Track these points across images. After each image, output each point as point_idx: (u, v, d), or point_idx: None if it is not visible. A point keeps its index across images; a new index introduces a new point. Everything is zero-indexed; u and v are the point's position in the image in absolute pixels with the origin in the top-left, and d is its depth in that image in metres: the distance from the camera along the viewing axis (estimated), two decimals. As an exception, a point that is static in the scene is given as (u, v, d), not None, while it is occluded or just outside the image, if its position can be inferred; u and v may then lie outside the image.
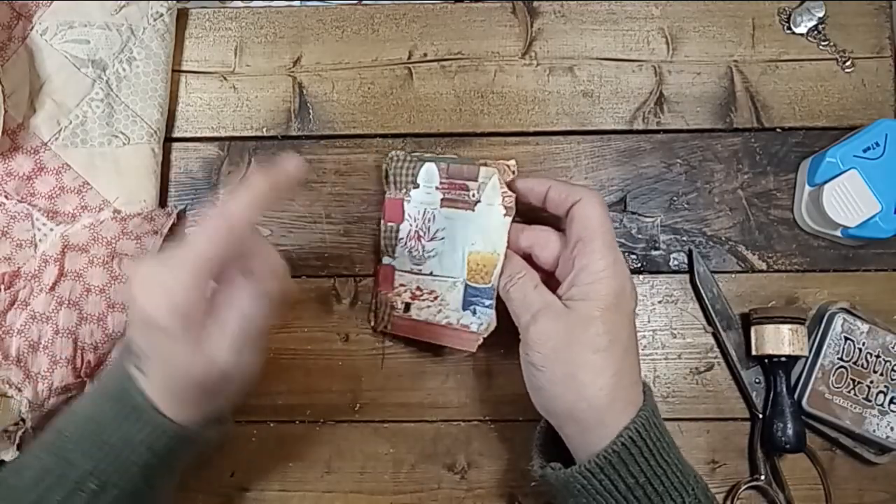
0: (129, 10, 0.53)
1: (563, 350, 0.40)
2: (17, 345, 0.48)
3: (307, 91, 0.55)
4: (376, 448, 0.51)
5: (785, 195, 0.53)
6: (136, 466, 0.39)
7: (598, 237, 0.42)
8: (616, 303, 0.41)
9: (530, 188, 0.47)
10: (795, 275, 0.53)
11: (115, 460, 0.39)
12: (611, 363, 0.40)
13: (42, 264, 0.50)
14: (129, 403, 0.39)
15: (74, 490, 0.38)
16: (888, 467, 0.50)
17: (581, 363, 0.40)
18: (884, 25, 0.55)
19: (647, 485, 0.39)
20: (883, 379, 0.49)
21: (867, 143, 0.49)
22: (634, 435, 0.39)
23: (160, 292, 0.35)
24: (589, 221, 0.43)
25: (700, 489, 0.40)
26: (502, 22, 0.55)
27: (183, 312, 0.35)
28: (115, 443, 0.39)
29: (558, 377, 0.41)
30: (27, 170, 0.51)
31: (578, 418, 0.40)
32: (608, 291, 0.41)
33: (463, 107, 0.54)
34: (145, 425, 0.39)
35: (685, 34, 0.55)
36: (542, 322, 0.42)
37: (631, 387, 0.41)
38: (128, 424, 0.39)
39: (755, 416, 0.50)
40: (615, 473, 0.39)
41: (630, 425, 0.39)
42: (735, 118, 0.54)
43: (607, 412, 0.40)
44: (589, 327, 0.40)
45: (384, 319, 0.51)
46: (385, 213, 0.51)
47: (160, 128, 0.53)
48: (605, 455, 0.39)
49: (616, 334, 0.41)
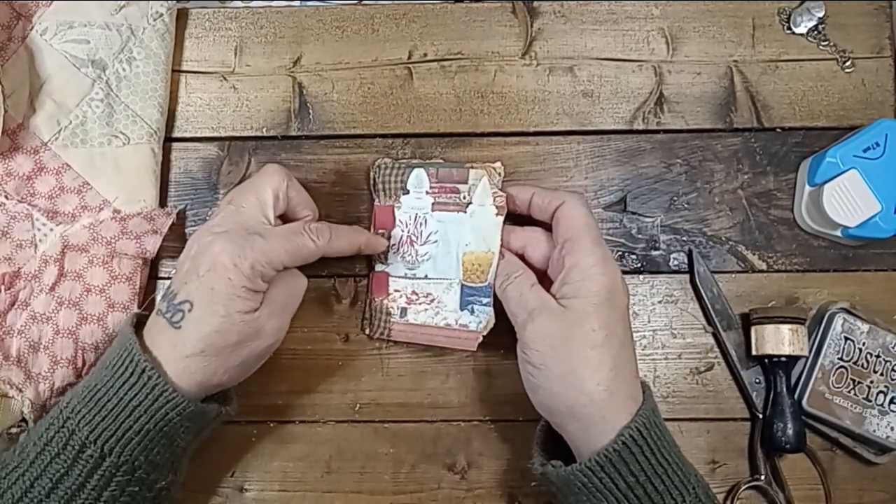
0: (129, 10, 0.53)
1: (561, 347, 0.41)
2: (17, 345, 0.48)
3: (307, 91, 0.55)
4: (376, 448, 0.51)
5: (785, 195, 0.53)
6: (135, 434, 0.39)
7: (584, 235, 0.43)
8: (609, 297, 0.42)
9: (514, 196, 0.48)
10: (795, 275, 0.53)
11: (113, 424, 0.39)
12: (608, 358, 0.40)
13: (42, 264, 0.50)
14: (130, 368, 0.40)
15: (75, 460, 0.39)
16: (888, 467, 0.50)
17: (579, 359, 0.40)
18: (884, 25, 0.55)
19: (647, 483, 0.39)
20: (883, 379, 0.49)
21: (867, 143, 0.49)
22: (635, 433, 0.39)
23: (255, 250, 0.41)
24: (574, 222, 0.44)
25: (701, 488, 0.40)
26: (502, 22, 0.55)
27: (261, 274, 0.42)
28: (113, 407, 0.40)
29: (557, 375, 0.41)
30: (27, 170, 0.51)
31: (579, 415, 0.40)
32: (599, 287, 0.41)
33: (463, 107, 0.54)
34: (143, 388, 0.40)
35: (685, 34, 0.55)
36: (538, 320, 0.42)
37: (630, 381, 0.41)
38: (126, 387, 0.40)
39: (755, 416, 0.50)
40: (616, 472, 0.39)
41: (631, 423, 0.39)
42: (735, 118, 0.54)
43: (608, 407, 0.40)
44: (584, 323, 0.41)
45: (380, 326, 0.51)
46: (375, 220, 0.51)
47: (160, 128, 0.53)
48: (605, 453, 0.39)
49: (611, 329, 0.41)
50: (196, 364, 0.41)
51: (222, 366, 0.42)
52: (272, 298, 0.43)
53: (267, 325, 0.43)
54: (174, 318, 0.41)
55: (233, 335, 0.41)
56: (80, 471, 0.39)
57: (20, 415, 0.48)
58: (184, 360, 0.41)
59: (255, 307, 0.42)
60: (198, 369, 0.41)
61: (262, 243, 0.42)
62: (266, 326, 0.43)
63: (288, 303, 0.45)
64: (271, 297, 0.43)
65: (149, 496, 0.42)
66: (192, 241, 0.43)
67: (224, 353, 0.41)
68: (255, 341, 0.42)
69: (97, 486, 0.39)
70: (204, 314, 0.41)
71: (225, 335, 0.41)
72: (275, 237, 0.43)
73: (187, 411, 0.41)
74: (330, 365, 0.52)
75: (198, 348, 0.41)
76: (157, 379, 0.40)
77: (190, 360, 0.41)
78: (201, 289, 0.41)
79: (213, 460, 0.50)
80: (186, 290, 0.41)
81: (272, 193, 0.44)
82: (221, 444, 0.51)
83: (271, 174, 0.45)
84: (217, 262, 0.41)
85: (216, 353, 0.41)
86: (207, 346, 0.41)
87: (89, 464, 0.39)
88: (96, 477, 0.39)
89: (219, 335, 0.41)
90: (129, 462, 0.40)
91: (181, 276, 0.42)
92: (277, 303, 0.43)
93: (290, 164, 0.54)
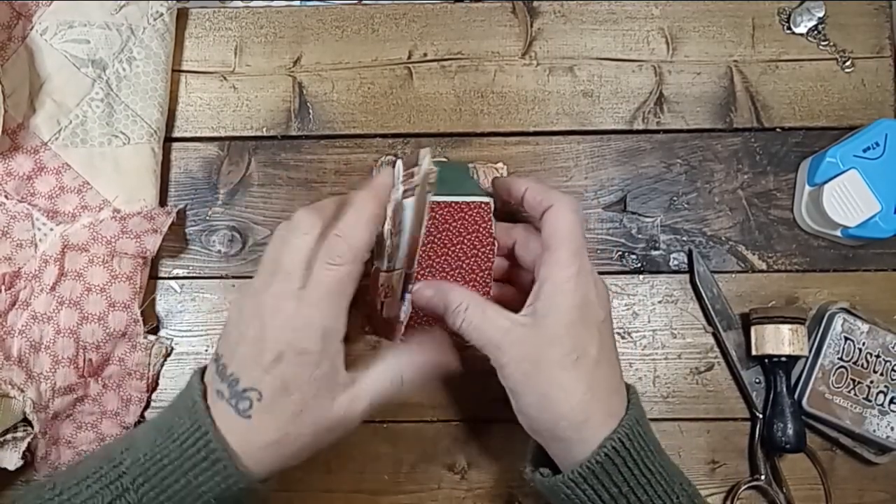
0: (128, 9, 0.53)
1: (534, 373, 0.39)
2: (18, 345, 0.49)
3: (307, 91, 0.55)
4: (376, 448, 0.51)
5: (785, 195, 0.53)
6: None
7: (563, 246, 0.40)
8: (580, 316, 0.39)
9: (507, 187, 0.46)
10: (795, 275, 0.53)
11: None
12: (582, 379, 0.39)
13: (42, 264, 0.50)
14: (203, 450, 0.37)
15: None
16: (888, 467, 0.50)
17: (551, 384, 0.39)
18: (884, 25, 0.55)
19: (630, 494, 0.38)
20: (883, 379, 0.49)
21: (867, 143, 0.49)
22: (617, 445, 0.38)
23: (303, 318, 0.37)
24: (556, 231, 0.41)
25: (686, 496, 0.39)
26: (502, 22, 0.55)
27: (331, 336, 0.38)
28: (180, 489, 0.37)
29: (534, 400, 0.40)
30: (27, 170, 0.51)
31: (560, 437, 0.40)
32: (571, 304, 0.39)
33: (463, 107, 0.54)
34: (215, 475, 0.36)
35: (685, 34, 0.55)
36: (506, 350, 0.40)
37: (608, 398, 0.40)
38: (196, 472, 0.36)
39: (755, 416, 0.50)
40: (598, 483, 0.38)
41: (612, 435, 0.38)
42: (735, 118, 0.54)
43: (585, 428, 0.39)
44: (554, 345, 0.39)
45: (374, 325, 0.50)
46: None
47: (160, 127, 0.53)
48: (587, 465, 0.38)
49: (584, 349, 0.39)
50: (272, 454, 0.38)
51: (301, 451, 0.39)
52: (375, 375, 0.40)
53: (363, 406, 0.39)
54: (243, 408, 0.37)
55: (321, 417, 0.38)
56: None
57: (21, 415, 0.48)
58: (258, 450, 0.38)
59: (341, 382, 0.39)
60: (273, 458, 0.38)
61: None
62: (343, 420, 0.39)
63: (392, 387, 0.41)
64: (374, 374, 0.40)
65: None
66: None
67: (312, 434, 0.38)
68: (328, 435, 0.39)
69: None
70: (275, 405, 0.37)
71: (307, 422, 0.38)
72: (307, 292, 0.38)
73: (251, 496, 0.38)
74: (330, 365, 0.51)
75: (276, 438, 0.37)
76: (231, 469, 0.36)
77: (267, 449, 0.38)
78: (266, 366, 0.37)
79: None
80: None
81: None
82: (221, 443, 0.51)
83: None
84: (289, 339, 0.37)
85: (301, 440, 0.38)
86: (287, 437, 0.38)
87: None
88: None
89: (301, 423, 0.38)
90: None
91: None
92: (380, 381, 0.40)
93: (290, 163, 0.54)
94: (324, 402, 0.38)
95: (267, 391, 0.37)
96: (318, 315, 0.38)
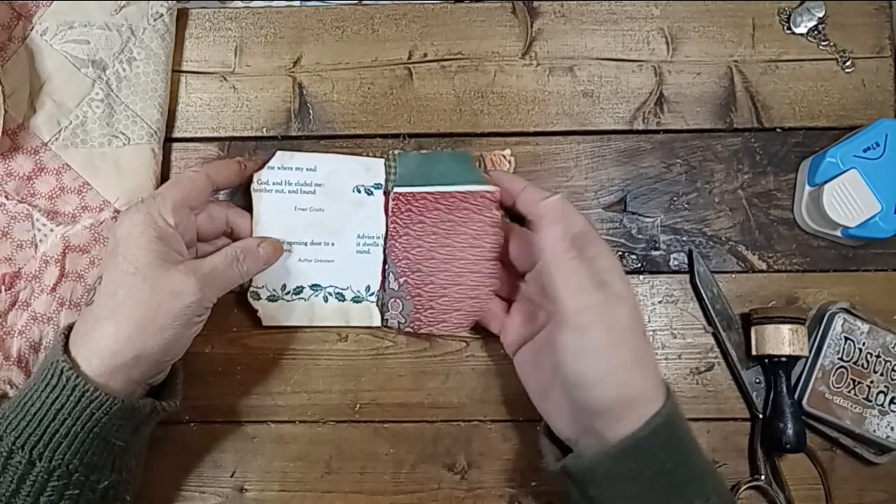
0: (129, 10, 0.53)
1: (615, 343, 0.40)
2: (18, 345, 0.49)
3: (307, 91, 0.55)
4: (376, 448, 0.51)
5: (785, 195, 0.53)
6: (63, 437, 0.39)
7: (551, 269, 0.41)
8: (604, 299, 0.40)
9: (504, 184, 0.48)
10: (795, 275, 0.53)
11: (38, 428, 0.39)
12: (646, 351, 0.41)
13: (43, 265, 0.50)
14: (51, 370, 0.39)
15: (4, 467, 0.38)
16: (888, 467, 0.50)
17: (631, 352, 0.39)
18: (884, 25, 0.55)
19: (674, 472, 0.38)
20: (883, 379, 0.49)
21: (867, 143, 0.49)
22: (667, 418, 0.38)
23: (143, 218, 0.42)
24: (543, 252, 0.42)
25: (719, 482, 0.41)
26: (502, 22, 0.55)
27: (165, 234, 0.42)
28: (37, 411, 0.39)
29: (611, 365, 0.39)
30: (27, 170, 0.51)
31: (620, 404, 0.39)
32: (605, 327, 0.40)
33: (463, 107, 0.54)
34: (64, 389, 0.39)
35: (685, 34, 0.55)
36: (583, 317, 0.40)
37: (657, 369, 0.41)
38: (48, 390, 0.39)
39: (755, 416, 0.50)
40: (647, 454, 0.38)
41: (661, 410, 0.38)
42: (735, 118, 0.54)
43: (637, 402, 0.39)
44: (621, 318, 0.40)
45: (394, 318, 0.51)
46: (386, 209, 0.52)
47: (160, 128, 0.53)
48: (638, 435, 0.38)
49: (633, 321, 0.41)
50: (127, 359, 0.40)
51: (139, 334, 0.40)
52: (198, 264, 0.43)
53: (183, 284, 0.41)
54: (99, 310, 0.41)
55: (161, 305, 0.41)
56: (10, 477, 0.38)
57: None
58: (103, 339, 0.40)
59: (168, 261, 0.42)
60: (119, 349, 0.40)
61: (151, 199, 0.44)
62: (182, 286, 0.41)
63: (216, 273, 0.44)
64: (198, 263, 0.43)
65: (93, 497, 0.41)
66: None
67: (159, 327, 0.40)
68: (169, 301, 0.41)
69: (31, 492, 0.39)
70: (121, 301, 0.40)
71: (150, 311, 0.40)
72: (163, 188, 0.45)
73: (114, 409, 0.39)
74: (330, 365, 0.52)
75: (127, 337, 0.40)
76: (76, 379, 0.39)
77: (108, 339, 0.40)
78: (112, 261, 0.42)
79: (212, 460, 0.51)
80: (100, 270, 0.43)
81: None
82: (221, 444, 0.51)
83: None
84: (122, 235, 0.42)
85: (148, 337, 0.40)
86: (136, 333, 0.40)
87: (19, 470, 0.38)
88: (28, 483, 0.38)
89: (145, 314, 0.40)
90: (62, 466, 0.39)
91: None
92: (203, 269, 0.43)
93: (291, 164, 0.54)
94: (158, 270, 0.41)
95: (115, 285, 0.41)
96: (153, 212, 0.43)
